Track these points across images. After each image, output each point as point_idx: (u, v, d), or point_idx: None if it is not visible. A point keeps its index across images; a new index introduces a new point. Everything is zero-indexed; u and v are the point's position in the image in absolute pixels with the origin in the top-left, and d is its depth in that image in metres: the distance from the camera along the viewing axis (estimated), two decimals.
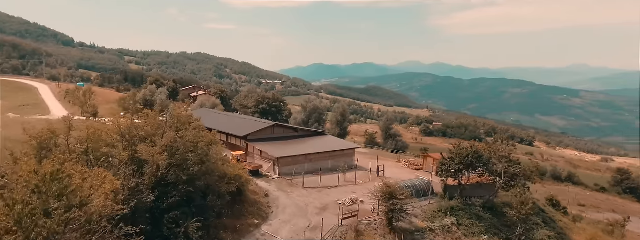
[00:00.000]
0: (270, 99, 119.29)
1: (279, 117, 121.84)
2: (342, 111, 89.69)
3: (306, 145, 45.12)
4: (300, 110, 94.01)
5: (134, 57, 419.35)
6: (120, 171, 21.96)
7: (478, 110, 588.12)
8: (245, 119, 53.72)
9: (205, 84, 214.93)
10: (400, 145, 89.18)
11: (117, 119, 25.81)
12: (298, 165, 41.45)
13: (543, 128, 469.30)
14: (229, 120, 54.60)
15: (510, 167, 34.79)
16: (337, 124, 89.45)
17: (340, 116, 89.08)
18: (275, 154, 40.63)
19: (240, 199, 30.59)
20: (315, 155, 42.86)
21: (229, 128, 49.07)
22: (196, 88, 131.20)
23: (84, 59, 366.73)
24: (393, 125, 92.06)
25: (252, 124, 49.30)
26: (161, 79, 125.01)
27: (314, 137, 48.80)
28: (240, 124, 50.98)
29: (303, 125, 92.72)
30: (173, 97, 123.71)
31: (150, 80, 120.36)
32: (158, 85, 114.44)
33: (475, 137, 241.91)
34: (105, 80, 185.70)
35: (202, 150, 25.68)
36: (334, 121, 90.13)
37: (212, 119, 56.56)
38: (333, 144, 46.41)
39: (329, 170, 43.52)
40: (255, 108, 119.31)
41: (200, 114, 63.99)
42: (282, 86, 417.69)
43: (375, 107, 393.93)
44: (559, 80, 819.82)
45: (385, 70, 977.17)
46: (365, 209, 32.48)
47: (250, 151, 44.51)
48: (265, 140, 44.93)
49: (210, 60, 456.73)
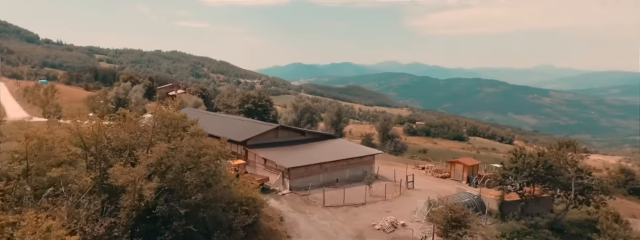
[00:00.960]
0: (256, 98, 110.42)
1: (266, 117, 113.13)
2: (337, 111, 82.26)
3: (318, 152, 37.28)
4: (291, 110, 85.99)
5: (105, 55, 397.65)
6: (81, 207, 13.62)
7: (453, 109, 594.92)
8: (240, 120, 45.23)
9: (182, 82, 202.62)
10: (399, 146, 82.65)
11: (78, 122, 17.03)
12: (312, 177, 33.63)
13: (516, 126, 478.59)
14: (221, 121, 45.96)
15: (583, 178, 28.25)
16: (332, 124, 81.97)
17: (336, 116, 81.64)
18: (285, 163, 32.62)
19: (253, 229, 22.50)
20: (331, 164, 35.09)
21: (223, 131, 40.60)
22: (174, 86, 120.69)
23: (50, 56, 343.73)
24: (391, 125, 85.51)
25: (251, 126, 40.95)
26: (136, 77, 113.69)
27: (324, 141, 40.99)
28: (235, 126, 42.52)
29: (294, 125, 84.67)
30: (149, 96, 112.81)
31: (123, 77, 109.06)
32: (132, 83, 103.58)
33: (457, 136, 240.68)
34: (73, 79, 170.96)
35: (208, 168, 17.51)
36: (328, 121, 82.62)
37: (200, 121, 47.73)
38: (349, 150, 38.70)
39: (346, 182, 35.92)
40: (240, 108, 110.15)
41: (196, 113, 55.00)
42: (261, 85, 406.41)
43: (356, 106, 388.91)
44: (529, 80, 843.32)
45: (364, 70, 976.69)
46: (412, 237, 25.04)
47: (251, 159, 36.31)
48: (269, 146, 36.82)
49: (186, 59, 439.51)
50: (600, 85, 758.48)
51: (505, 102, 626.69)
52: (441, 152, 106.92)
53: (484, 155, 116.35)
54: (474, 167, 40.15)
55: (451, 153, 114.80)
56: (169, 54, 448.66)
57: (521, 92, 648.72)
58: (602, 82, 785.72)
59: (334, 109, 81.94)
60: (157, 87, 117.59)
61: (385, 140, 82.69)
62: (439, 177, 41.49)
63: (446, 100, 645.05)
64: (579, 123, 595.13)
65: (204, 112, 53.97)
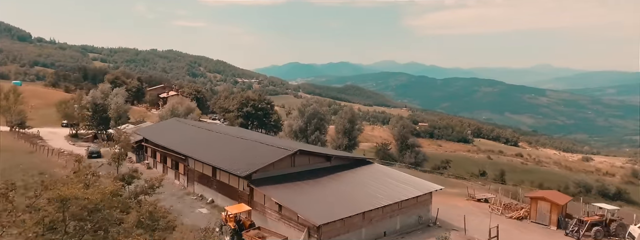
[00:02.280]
0: (255, 100, 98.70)
1: (266, 121, 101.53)
2: (350, 117, 70.48)
3: (354, 189, 25.67)
4: (296, 116, 74.19)
5: (99, 54, 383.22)
6: None
7: (451, 108, 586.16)
8: (241, 140, 33.35)
9: (177, 82, 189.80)
10: (420, 157, 71.25)
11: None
12: (351, 233, 22.13)
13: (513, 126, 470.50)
14: (216, 140, 34.12)
15: None
16: (344, 132, 70.31)
17: (349, 123, 69.93)
18: (312, 215, 20.98)
19: None
20: (377, 211, 23.54)
21: (217, 157, 28.99)
22: (166, 88, 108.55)
23: (42, 55, 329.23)
24: (408, 131, 73.77)
25: (258, 150, 29.12)
26: (123, 77, 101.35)
27: (358, 170, 29.39)
28: (235, 148, 30.76)
29: (300, 134, 73.17)
30: (138, 99, 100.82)
31: (108, 77, 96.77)
32: (117, 84, 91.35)
33: (462, 138, 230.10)
34: (60, 78, 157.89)
35: None
36: (340, 129, 70.94)
37: (186, 139, 35.81)
38: (397, 185, 27.01)
39: (397, 234, 24.42)
40: (238, 111, 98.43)
41: (169, 127, 43.16)
42: (259, 85, 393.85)
43: (355, 106, 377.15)
44: (526, 80, 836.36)
45: (361, 70, 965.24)
46: None
47: (259, 201, 24.70)
48: (283, 180, 25.20)
49: (182, 58, 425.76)
50: (596, 85, 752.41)
51: (502, 101, 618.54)
52: (462, 162, 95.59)
53: (508, 169, 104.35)
54: (565, 206, 28.70)
55: (470, 162, 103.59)
56: (164, 53, 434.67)
57: (518, 92, 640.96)
58: (598, 81, 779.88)
59: (346, 115, 70.21)
60: (147, 88, 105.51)
61: (403, 151, 71.38)
62: (512, 217, 30.02)
63: (444, 99, 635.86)
64: (576, 123, 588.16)
65: (193, 125, 42.04)
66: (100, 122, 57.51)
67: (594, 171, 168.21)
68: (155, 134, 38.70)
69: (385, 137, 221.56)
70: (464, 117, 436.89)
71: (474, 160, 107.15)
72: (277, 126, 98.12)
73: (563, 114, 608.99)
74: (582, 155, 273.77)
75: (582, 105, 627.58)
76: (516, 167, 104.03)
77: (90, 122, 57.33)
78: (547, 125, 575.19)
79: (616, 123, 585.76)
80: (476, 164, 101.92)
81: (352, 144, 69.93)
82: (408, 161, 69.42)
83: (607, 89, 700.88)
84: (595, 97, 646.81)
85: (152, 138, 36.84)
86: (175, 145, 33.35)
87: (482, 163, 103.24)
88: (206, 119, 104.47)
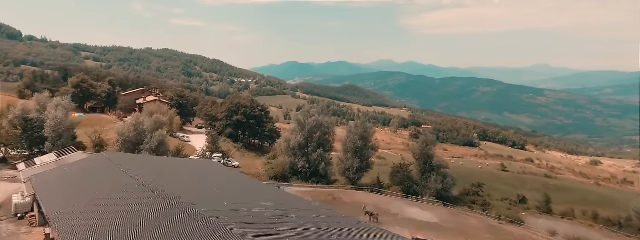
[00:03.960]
0: (247, 107, 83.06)
1: (260, 130, 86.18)
2: (362, 132, 54.93)
3: None
4: (296, 129, 58.72)
5: (91, 53, 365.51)
6: None
7: (449, 108, 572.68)
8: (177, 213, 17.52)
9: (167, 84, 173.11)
10: (449, 183, 55.89)
11: None
12: None
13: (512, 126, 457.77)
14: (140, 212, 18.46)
15: None
16: (355, 151, 54.83)
17: (361, 140, 54.47)
18: None
19: None
20: None
21: None
22: (145, 91, 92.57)
23: (31, 54, 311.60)
24: (433, 146, 57.82)
25: None
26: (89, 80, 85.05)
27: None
28: None
29: (299, 152, 57.58)
30: (111, 105, 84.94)
31: (73, 81, 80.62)
32: (82, 88, 75.49)
33: (468, 142, 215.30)
34: (38, 79, 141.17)
35: None
36: (349, 147, 55.48)
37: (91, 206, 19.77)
38: None
39: None
40: (227, 120, 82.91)
41: (84, 175, 26.81)
42: (256, 85, 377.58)
43: (355, 107, 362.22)
44: (524, 80, 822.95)
45: (359, 69, 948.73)
46: None
47: None
48: None
49: (178, 57, 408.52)
50: (594, 85, 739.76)
51: (500, 101, 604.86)
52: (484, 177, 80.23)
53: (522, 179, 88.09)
54: None
55: (493, 178, 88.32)
56: (160, 52, 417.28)
57: (516, 92, 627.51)
58: (596, 81, 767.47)
59: (358, 129, 54.57)
60: (122, 93, 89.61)
61: (427, 173, 56.17)
62: None
63: (442, 99, 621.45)
64: (575, 123, 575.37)
65: (129, 171, 26.07)
66: (31, 143, 42.01)
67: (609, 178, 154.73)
68: (53, 190, 22.88)
69: (389, 141, 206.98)
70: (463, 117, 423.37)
71: (497, 176, 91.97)
72: (272, 137, 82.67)
73: (561, 114, 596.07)
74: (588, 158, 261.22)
75: (580, 105, 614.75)
76: (547, 183, 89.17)
77: (19, 143, 41.77)
78: (546, 125, 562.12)
79: (614, 123, 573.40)
80: (501, 180, 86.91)
81: (364, 166, 54.60)
82: (434, 187, 54.19)
83: (605, 89, 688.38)
84: (593, 97, 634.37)
85: (45, 197, 21.18)
86: (65, 219, 17.64)
87: (508, 180, 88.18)
88: (190, 129, 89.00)
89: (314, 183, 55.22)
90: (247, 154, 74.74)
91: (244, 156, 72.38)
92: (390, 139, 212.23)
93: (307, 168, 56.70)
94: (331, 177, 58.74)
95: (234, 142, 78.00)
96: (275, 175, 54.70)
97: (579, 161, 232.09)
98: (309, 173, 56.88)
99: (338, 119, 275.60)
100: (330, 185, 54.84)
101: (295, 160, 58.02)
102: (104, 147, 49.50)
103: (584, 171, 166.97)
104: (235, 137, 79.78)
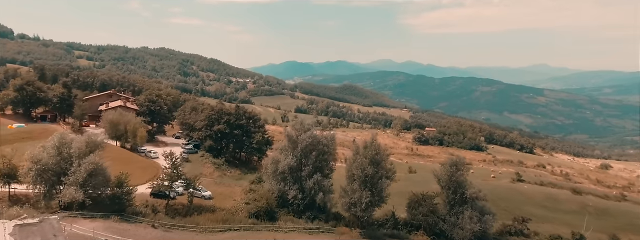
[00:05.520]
0: (231, 114, 68.14)
1: (247, 143, 71.35)
2: (373, 154, 39.88)
3: None
4: (287, 148, 43.97)
5: (85, 52, 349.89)
6: None
7: (449, 108, 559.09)
8: None
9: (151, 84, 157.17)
10: (488, 222, 41.16)
11: None
12: None
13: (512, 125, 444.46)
14: None
15: None
16: (364, 181, 39.83)
17: (371, 165, 39.56)
18: None
19: None
20: None
21: None
22: (113, 95, 77.47)
23: (22, 52, 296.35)
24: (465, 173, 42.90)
25: None
26: (35, 82, 69.69)
27: None
28: None
29: (291, 177, 42.96)
30: (67, 111, 69.92)
31: (15, 83, 65.38)
32: (27, 92, 60.48)
33: (475, 145, 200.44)
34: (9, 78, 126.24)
35: None
36: (356, 174, 40.44)
37: None
38: None
39: None
40: (208, 130, 68.10)
41: None
42: (254, 85, 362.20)
43: (354, 107, 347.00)
44: (523, 79, 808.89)
45: (358, 68, 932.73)
46: None
47: None
48: None
49: (174, 56, 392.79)
50: (593, 85, 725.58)
51: (500, 101, 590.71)
52: (524, 203, 65.80)
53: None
54: None
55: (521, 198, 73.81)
56: (156, 50, 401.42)
57: (516, 91, 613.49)
58: (595, 81, 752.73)
59: (368, 152, 39.36)
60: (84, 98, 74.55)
61: (458, 207, 41.45)
62: None
63: (442, 99, 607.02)
64: (575, 123, 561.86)
65: None
66: None
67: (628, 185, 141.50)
68: None
69: (391, 145, 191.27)
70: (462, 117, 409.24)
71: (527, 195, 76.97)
72: (261, 150, 67.67)
73: (561, 114, 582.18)
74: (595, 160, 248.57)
75: (580, 104, 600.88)
76: (583, 204, 74.61)
77: None
78: (546, 125, 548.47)
79: (614, 123, 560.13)
80: (533, 201, 72.17)
81: (377, 200, 39.74)
82: (469, 227, 39.52)
83: (604, 89, 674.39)
84: (592, 97, 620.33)
85: None
86: None
87: (541, 200, 73.30)
88: (165, 139, 74.10)
89: (309, 220, 40.66)
90: (229, 172, 59.96)
91: (224, 176, 57.61)
92: (393, 142, 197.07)
93: (300, 199, 42.06)
94: (331, 210, 44.18)
95: (215, 156, 63.19)
96: (257, 209, 40.07)
97: (586, 164, 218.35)
98: (303, 206, 42.24)
99: (337, 121, 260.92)
100: (329, 223, 40.37)
101: (285, 188, 43.31)
102: (16, 178, 34.70)
103: (599, 178, 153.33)
104: (216, 151, 64.95)
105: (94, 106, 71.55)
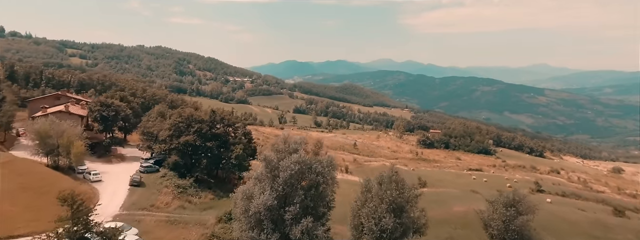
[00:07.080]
0: (205, 121, 53.14)
1: (225, 157, 56.42)
2: (395, 196, 25.21)
3: None
4: (263, 177, 29.21)
5: (78, 50, 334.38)
6: None
7: (449, 108, 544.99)
8: None
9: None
10: None
11: None
12: None
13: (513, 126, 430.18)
14: None
15: None
16: (381, 236, 25.03)
17: (392, 212, 24.83)
18: None
19: None
20: None
21: None
22: (62, 97, 62.25)
23: (11, 50, 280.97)
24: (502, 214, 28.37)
25: None
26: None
27: None
28: None
29: (267, 220, 28.28)
30: None
31: None
32: None
33: (483, 149, 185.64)
34: None
35: None
36: (369, 226, 25.73)
37: None
38: None
39: None
40: (172, 141, 53.23)
41: None
42: (252, 84, 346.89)
43: (355, 107, 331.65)
44: (523, 79, 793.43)
45: (358, 68, 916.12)
46: None
47: None
48: None
49: (171, 54, 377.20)
50: (594, 85, 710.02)
51: (501, 101, 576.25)
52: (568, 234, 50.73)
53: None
54: None
55: (557, 221, 58.79)
56: (152, 49, 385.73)
57: (516, 91, 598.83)
58: (595, 81, 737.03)
59: (386, 193, 24.24)
60: (29, 99, 59.73)
61: None
62: None
63: (442, 99, 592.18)
64: (576, 123, 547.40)
65: None
66: None
67: None
68: None
69: (394, 148, 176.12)
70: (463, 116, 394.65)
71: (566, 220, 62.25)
72: (242, 166, 52.58)
73: (562, 114, 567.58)
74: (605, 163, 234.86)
75: (581, 104, 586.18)
76: None
77: None
78: (547, 125, 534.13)
79: (616, 123, 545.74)
80: (578, 229, 57.31)
81: None
82: None
83: (605, 89, 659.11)
84: (593, 97, 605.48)
85: None
86: None
87: (583, 227, 58.46)
88: (124, 151, 59.06)
89: None
90: (197, 197, 44.81)
91: (187, 205, 42.34)
92: (396, 145, 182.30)
93: None
94: None
95: (181, 176, 48.22)
96: None
97: (597, 167, 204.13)
98: None
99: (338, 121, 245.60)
100: None
101: (260, 237, 28.48)
102: None
103: (618, 184, 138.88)
104: (182, 168, 49.90)
105: (38, 110, 56.65)
